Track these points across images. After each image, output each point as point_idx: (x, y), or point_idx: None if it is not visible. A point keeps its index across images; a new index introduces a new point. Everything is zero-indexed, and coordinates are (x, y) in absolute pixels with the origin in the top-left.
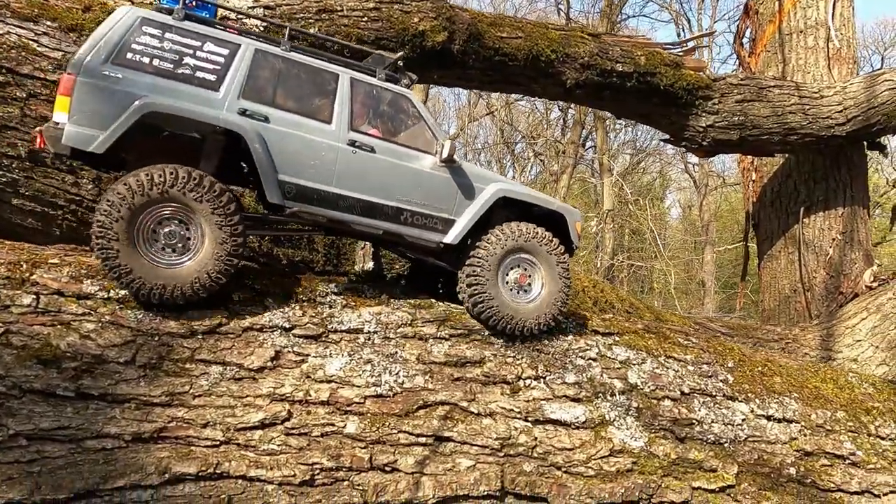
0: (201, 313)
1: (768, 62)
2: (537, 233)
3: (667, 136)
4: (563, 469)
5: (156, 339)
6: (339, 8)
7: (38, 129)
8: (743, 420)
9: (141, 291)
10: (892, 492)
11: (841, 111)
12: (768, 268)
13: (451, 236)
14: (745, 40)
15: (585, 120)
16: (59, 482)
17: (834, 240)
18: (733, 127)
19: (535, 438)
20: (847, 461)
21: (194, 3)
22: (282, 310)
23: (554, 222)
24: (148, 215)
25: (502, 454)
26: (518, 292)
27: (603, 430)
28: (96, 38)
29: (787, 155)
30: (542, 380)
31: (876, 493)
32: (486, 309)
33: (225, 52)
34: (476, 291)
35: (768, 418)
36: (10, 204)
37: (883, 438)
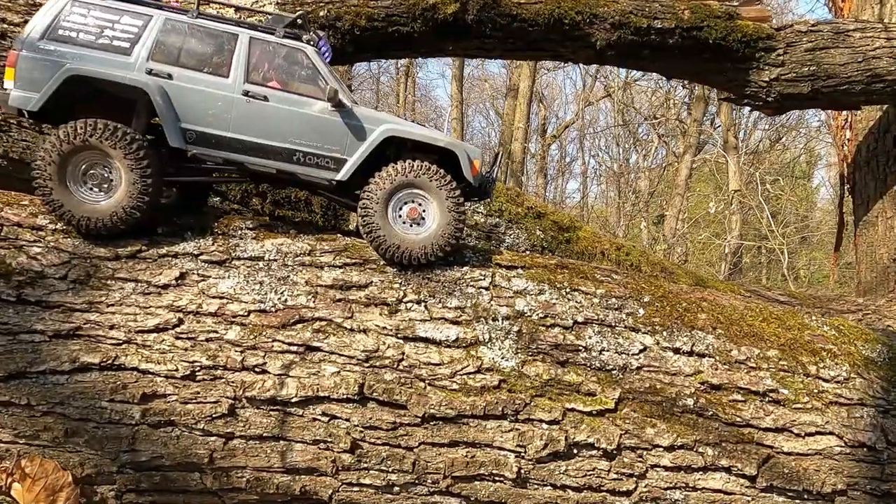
0: (126, 241)
1: (862, 6)
2: (428, 169)
3: (726, 95)
4: (427, 381)
5: (87, 260)
6: None
7: None
8: (641, 351)
9: (71, 222)
10: (819, 432)
11: None
12: (864, 235)
13: (342, 174)
14: None
15: (710, 96)
16: None
17: None
18: (803, 79)
19: (403, 353)
20: (767, 399)
21: None
22: (196, 241)
23: (452, 160)
24: (76, 159)
25: (367, 364)
26: (411, 225)
27: (474, 349)
28: (35, 20)
29: (884, 107)
30: (422, 303)
31: (797, 431)
32: (374, 239)
33: (139, 23)
34: (366, 223)
35: (675, 351)
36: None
37: (826, 380)
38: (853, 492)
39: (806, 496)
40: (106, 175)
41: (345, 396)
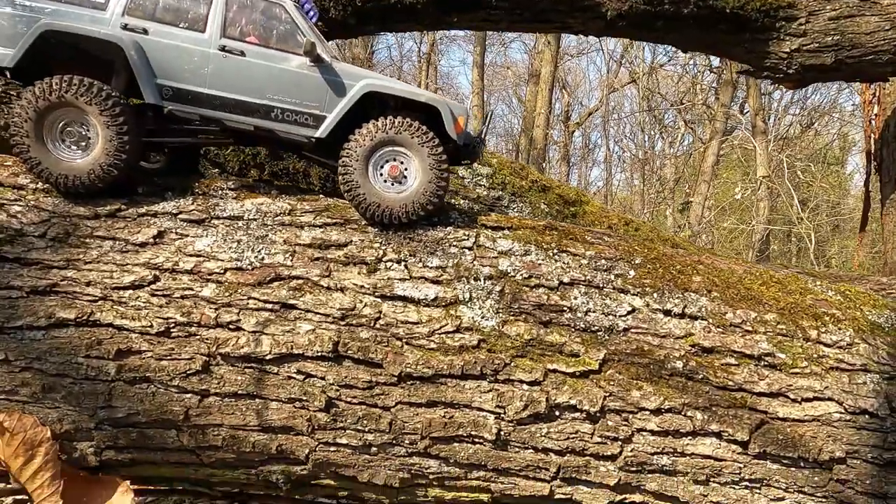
0: (106, 201)
1: None
2: (410, 125)
3: (745, 68)
4: (404, 340)
5: (66, 219)
6: None
7: None
8: (629, 312)
9: (49, 180)
10: (817, 398)
11: None
12: (892, 214)
13: (321, 130)
14: None
15: (738, 80)
16: None
17: None
18: (826, 49)
19: (381, 312)
20: (762, 363)
21: None
22: (176, 201)
23: (436, 118)
24: (52, 116)
25: (343, 323)
26: (392, 184)
27: (454, 308)
28: None
29: None
30: (402, 263)
31: (793, 397)
32: (354, 197)
33: None
34: (345, 181)
35: (665, 313)
36: None
37: (827, 345)
38: (853, 460)
39: (802, 464)
40: (83, 132)
41: (320, 354)
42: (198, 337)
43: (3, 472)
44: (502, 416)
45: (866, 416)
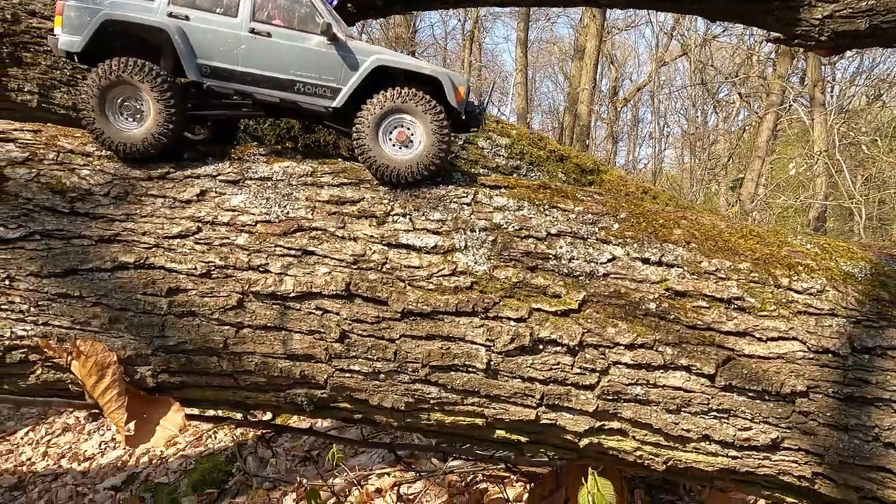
0: (157, 165)
1: None
2: (415, 95)
3: (776, 36)
4: (406, 282)
5: (125, 181)
6: None
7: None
8: (610, 260)
9: (111, 147)
10: (782, 338)
11: None
12: None
13: (337, 101)
14: None
15: (796, 50)
16: (56, 263)
17: None
18: (860, 15)
19: (387, 258)
20: (732, 306)
21: None
22: (215, 165)
23: (438, 89)
24: (112, 93)
25: (355, 266)
26: (400, 147)
27: (450, 255)
28: None
29: None
30: (408, 216)
31: (759, 336)
32: (367, 160)
33: None
34: (358, 145)
35: (643, 261)
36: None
37: (797, 292)
38: (814, 394)
39: (766, 396)
40: (138, 107)
41: (334, 293)
42: (233, 278)
43: (81, 391)
44: (492, 348)
45: (829, 355)
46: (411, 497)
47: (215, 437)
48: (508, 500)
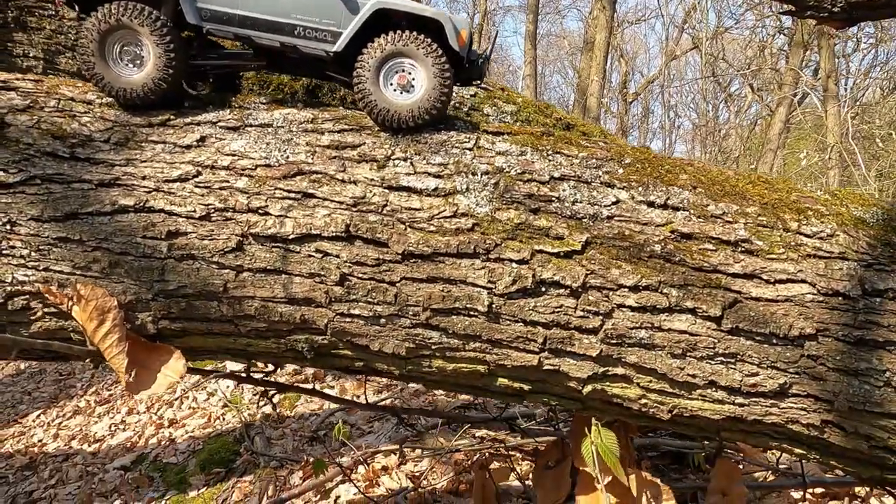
0: (158, 112)
1: None
2: (416, 38)
3: (786, 8)
4: (407, 224)
5: (126, 127)
6: None
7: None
8: (614, 203)
9: (111, 93)
10: (790, 280)
11: None
12: None
13: (338, 45)
14: None
15: (809, 41)
16: (57, 207)
17: None
18: None
19: (387, 200)
20: (739, 248)
21: None
22: (216, 112)
23: (440, 33)
24: (112, 38)
25: (355, 209)
26: (401, 92)
27: (452, 198)
28: None
29: None
30: (409, 160)
31: (767, 278)
32: (367, 104)
33: None
34: (359, 90)
35: (648, 204)
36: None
37: (807, 236)
38: (824, 337)
39: (774, 340)
40: (137, 52)
41: (334, 235)
42: (233, 220)
43: (83, 339)
44: (493, 290)
45: (839, 298)
46: (417, 474)
47: (223, 419)
48: (514, 471)
